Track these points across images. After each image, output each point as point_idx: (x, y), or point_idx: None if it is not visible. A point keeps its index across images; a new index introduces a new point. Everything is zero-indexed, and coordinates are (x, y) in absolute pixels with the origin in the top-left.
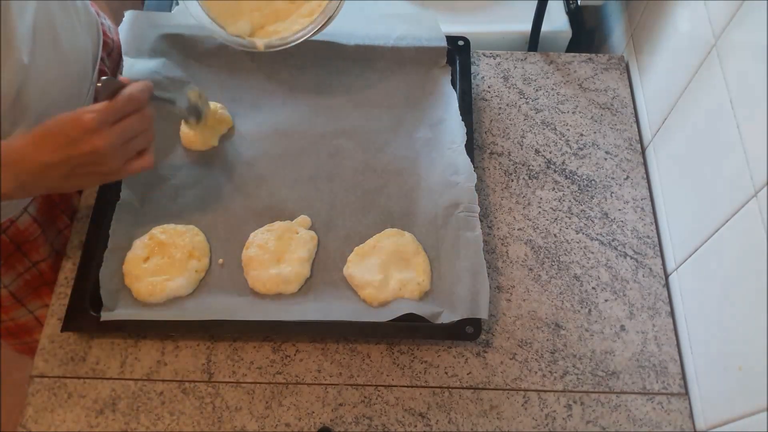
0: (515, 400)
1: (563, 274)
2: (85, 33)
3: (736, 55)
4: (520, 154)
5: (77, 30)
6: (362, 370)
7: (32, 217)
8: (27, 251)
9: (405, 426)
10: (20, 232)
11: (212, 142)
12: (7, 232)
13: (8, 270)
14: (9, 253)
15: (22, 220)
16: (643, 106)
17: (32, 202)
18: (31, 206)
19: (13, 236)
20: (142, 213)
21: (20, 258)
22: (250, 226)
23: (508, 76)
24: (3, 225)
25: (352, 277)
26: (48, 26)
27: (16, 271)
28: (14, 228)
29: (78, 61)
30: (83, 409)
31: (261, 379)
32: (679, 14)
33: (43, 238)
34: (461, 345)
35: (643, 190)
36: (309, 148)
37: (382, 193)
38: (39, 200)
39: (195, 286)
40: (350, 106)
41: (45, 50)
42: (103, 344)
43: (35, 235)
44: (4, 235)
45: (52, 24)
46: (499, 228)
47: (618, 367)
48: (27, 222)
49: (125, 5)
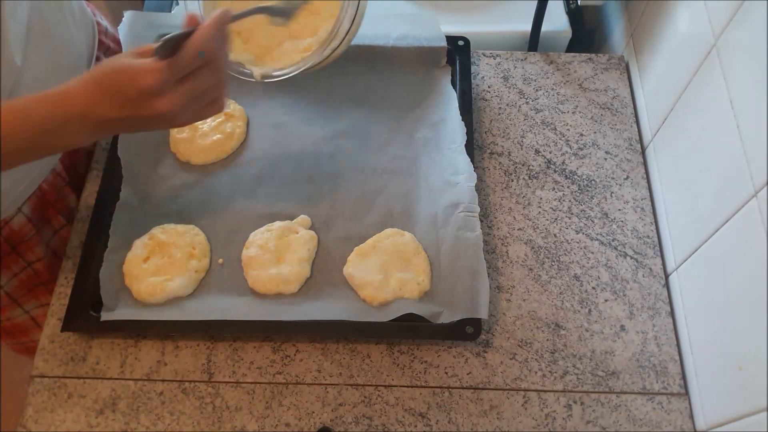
0: (515, 400)
1: (563, 274)
2: (80, 33)
3: (736, 55)
4: (520, 154)
5: (71, 30)
6: (362, 370)
7: (26, 217)
8: (22, 251)
9: (405, 426)
10: (14, 232)
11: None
12: (1, 232)
13: (4, 270)
14: (4, 253)
15: (16, 220)
16: (643, 106)
17: (26, 201)
18: (25, 206)
19: (7, 236)
20: (142, 213)
21: (15, 258)
22: (250, 226)
23: (508, 76)
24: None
25: (352, 277)
26: (41, 26)
27: (11, 272)
28: (8, 228)
29: (71, 61)
30: (83, 409)
31: (261, 379)
32: (679, 14)
33: (38, 238)
34: (461, 345)
35: (643, 190)
36: (309, 148)
37: (382, 193)
38: (33, 200)
39: (195, 286)
40: (350, 106)
41: (38, 51)
42: (103, 344)
43: (30, 235)
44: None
45: (45, 24)
46: (499, 228)
47: (618, 367)
48: (21, 222)
49: (125, 5)
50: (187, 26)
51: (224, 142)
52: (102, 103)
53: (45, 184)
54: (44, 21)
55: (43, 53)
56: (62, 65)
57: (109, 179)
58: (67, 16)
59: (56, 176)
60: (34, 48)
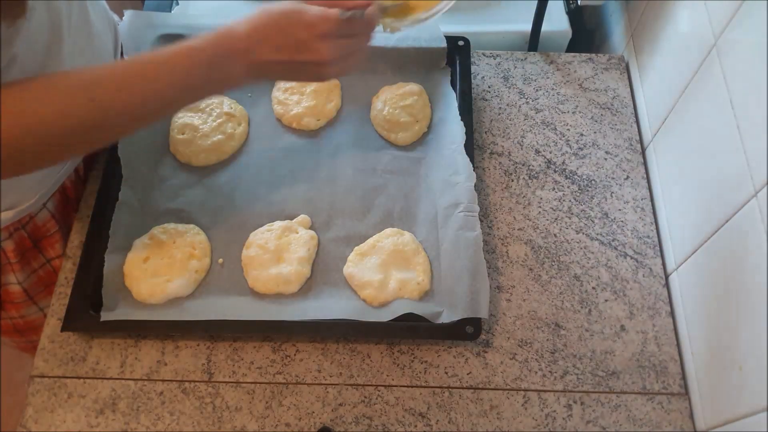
0: (515, 400)
1: (563, 274)
2: (106, 31)
3: (736, 55)
4: (520, 154)
5: (103, 31)
6: (362, 370)
7: (50, 213)
8: (43, 247)
9: (405, 426)
10: (38, 227)
11: None
12: (26, 228)
13: (24, 266)
14: (26, 248)
15: (40, 215)
16: (643, 106)
17: (51, 198)
18: (49, 202)
19: (31, 232)
20: (142, 213)
21: (36, 254)
22: (250, 226)
23: (508, 76)
24: (23, 220)
25: (352, 277)
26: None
27: (31, 268)
28: (33, 224)
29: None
30: (83, 409)
31: (261, 379)
32: (679, 14)
33: (59, 235)
34: (461, 345)
35: (643, 190)
36: (309, 148)
37: (382, 193)
38: (57, 197)
39: (195, 287)
40: (351, 107)
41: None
42: (103, 344)
43: (52, 231)
44: (23, 231)
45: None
46: (499, 228)
47: (618, 367)
48: (45, 218)
49: (125, 5)
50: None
51: (224, 143)
52: (267, 42)
53: (68, 181)
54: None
55: (85, 57)
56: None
57: (109, 179)
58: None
59: (77, 174)
60: (80, 53)
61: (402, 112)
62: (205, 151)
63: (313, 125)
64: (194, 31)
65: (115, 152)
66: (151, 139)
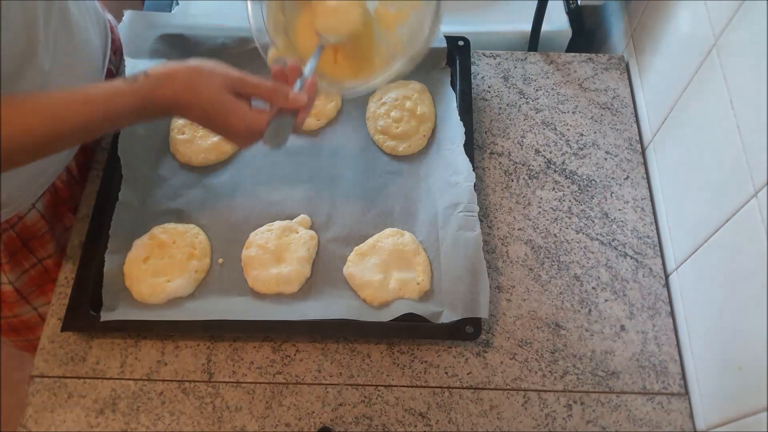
0: (515, 400)
1: (563, 274)
2: (95, 32)
3: (736, 55)
4: (520, 154)
5: (90, 29)
6: (362, 370)
7: (40, 213)
8: (33, 247)
9: (405, 426)
10: (27, 227)
11: None
12: (15, 228)
13: (14, 266)
14: (16, 248)
15: (29, 215)
16: (643, 106)
17: (40, 198)
18: (38, 202)
19: (20, 232)
20: (142, 213)
21: (26, 254)
22: (250, 226)
23: (508, 76)
24: (11, 220)
25: (352, 277)
26: (65, 28)
27: (22, 268)
28: (21, 224)
29: (90, 60)
30: (83, 409)
31: (261, 379)
32: (679, 14)
33: (50, 235)
34: (461, 345)
35: (643, 190)
36: (309, 148)
37: (382, 193)
38: (47, 197)
39: (195, 287)
40: (351, 107)
41: (64, 53)
42: (103, 344)
43: (42, 231)
44: (11, 231)
45: (70, 27)
46: (499, 228)
47: (618, 367)
48: (35, 218)
49: (125, 5)
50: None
51: (224, 143)
52: (205, 120)
53: (59, 182)
54: (69, 23)
55: (68, 56)
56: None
57: (109, 179)
58: (85, 15)
59: (70, 174)
60: (60, 51)
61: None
62: (205, 151)
63: (313, 125)
64: (194, 32)
65: (115, 152)
66: (151, 139)
